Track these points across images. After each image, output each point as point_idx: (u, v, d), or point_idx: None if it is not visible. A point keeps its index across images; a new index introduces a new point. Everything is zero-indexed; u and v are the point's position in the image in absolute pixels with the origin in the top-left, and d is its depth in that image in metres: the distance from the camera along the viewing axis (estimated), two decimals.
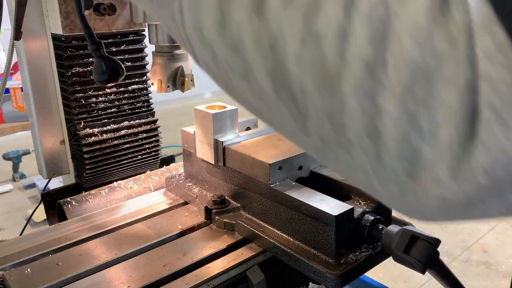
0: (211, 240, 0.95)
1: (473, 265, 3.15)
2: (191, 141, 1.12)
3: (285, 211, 0.89)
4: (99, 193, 1.20)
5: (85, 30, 0.87)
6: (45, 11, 1.21)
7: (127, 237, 0.97)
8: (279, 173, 0.93)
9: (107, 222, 1.04)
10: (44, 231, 1.02)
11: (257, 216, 0.97)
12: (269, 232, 0.92)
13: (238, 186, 1.01)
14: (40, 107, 1.29)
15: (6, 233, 3.51)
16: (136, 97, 1.32)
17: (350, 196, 0.91)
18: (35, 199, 4.10)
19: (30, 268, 0.86)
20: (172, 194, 1.18)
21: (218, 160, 1.04)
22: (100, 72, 0.89)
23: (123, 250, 0.92)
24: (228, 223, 0.98)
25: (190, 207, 1.10)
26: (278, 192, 0.89)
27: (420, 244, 0.75)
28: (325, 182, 0.97)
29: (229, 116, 1.05)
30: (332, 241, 0.80)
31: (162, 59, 1.02)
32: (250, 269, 0.89)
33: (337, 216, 0.79)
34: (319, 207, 0.81)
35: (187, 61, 1.06)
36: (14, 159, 4.43)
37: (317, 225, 0.82)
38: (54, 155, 1.34)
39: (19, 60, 1.27)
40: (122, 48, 1.26)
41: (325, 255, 0.82)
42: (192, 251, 0.91)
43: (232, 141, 1.03)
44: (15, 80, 3.19)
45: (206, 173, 1.10)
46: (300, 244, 0.86)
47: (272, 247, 0.88)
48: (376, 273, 2.51)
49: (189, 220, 1.04)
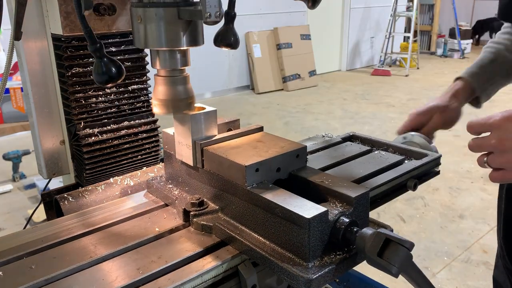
0: (188, 243, 0.94)
1: (473, 265, 3.15)
2: (171, 142, 1.10)
3: (261, 213, 0.88)
4: (96, 189, 1.19)
5: (85, 31, 0.86)
6: (45, 11, 1.21)
7: (104, 239, 0.96)
8: (256, 175, 0.91)
9: (84, 224, 1.03)
10: (21, 232, 1.01)
11: (235, 218, 0.96)
12: (245, 235, 0.91)
13: (217, 188, 1.00)
14: (40, 107, 1.29)
15: (6, 233, 3.50)
16: (136, 97, 1.32)
17: (327, 198, 0.90)
18: (35, 199, 4.10)
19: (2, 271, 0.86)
20: (152, 196, 1.16)
21: (196, 162, 1.03)
22: (100, 72, 0.89)
23: (98, 253, 0.91)
24: (205, 226, 0.97)
25: (170, 209, 1.09)
26: (254, 194, 0.88)
27: (394, 247, 0.73)
28: (303, 184, 0.96)
29: (208, 117, 1.04)
30: (306, 244, 0.79)
31: None
32: (242, 264, 0.89)
33: (311, 218, 0.78)
34: (293, 210, 0.80)
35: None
36: (14, 159, 4.43)
37: (292, 228, 0.81)
38: (54, 155, 1.34)
39: (19, 60, 1.27)
40: (122, 49, 1.26)
41: (299, 258, 0.81)
42: (167, 254, 0.90)
43: (210, 142, 1.02)
44: (15, 80, 3.19)
45: (186, 175, 1.09)
46: (275, 247, 0.85)
47: (248, 249, 0.87)
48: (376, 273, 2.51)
49: (167, 223, 1.02)
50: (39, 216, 3.06)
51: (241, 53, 8.27)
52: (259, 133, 1.11)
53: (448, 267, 3.14)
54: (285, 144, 1.01)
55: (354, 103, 7.61)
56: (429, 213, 3.89)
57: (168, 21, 0.88)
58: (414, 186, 1.16)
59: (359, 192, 0.88)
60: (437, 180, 4.34)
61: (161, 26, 0.88)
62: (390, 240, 0.74)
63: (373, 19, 10.75)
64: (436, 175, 1.29)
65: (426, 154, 1.26)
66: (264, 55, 8.33)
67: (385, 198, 1.14)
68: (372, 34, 10.85)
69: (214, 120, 1.05)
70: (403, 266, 0.73)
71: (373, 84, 9.02)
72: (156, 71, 0.99)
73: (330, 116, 6.82)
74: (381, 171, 1.17)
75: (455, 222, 3.76)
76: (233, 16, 0.93)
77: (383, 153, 1.30)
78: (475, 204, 4.04)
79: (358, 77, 9.72)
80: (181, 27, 0.89)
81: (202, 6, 0.83)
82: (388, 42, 10.09)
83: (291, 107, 7.32)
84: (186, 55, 0.96)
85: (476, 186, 4.40)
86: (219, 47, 0.96)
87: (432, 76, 9.70)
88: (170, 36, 0.89)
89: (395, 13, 9.88)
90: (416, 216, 3.84)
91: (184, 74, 0.98)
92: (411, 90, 8.43)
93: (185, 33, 0.90)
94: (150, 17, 0.88)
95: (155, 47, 0.92)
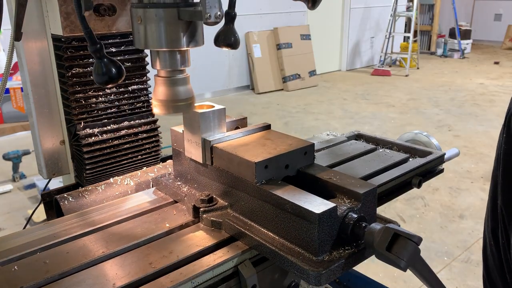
0: (198, 239, 0.95)
1: (473, 265, 3.15)
2: (180, 140, 1.12)
3: (271, 209, 0.89)
4: (96, 189, 1.20)
5: (85, 31, 0.87)
6: (45, 12, 1.21)
7: (115, 235, 0.98)
8: (265, 172, 0.93)
9: (95, 221, 1.05)
10: (32, 229, 1.02)
11: (244, 214, 0.97)
12: (255, 230, 0.92)
13: (225, 185, 1.01)
14: (40, 107, 1.29)
15: (6, 233, 3.51)
16: (136, 97, 1.32)
17: (335, 195, 0.92)
18: (35, 199, 4.10)
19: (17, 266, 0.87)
20: (161, 193, 1.18)
21: (206, 159, 1.04)
22: (100, 73, 0.89)
23: (110, 248, 0.92)
24: (215, 222, 0.98)
25: (179, 206, 1.10)
26: (264, 190, 0.90)
27: (402, 241, 0.75)
28: (311, 181, 0.97)
29: (217, 115, 1.05)
30: (315, 238, 0.80)
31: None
32: (242, 264, 0.90)
33: (320, 214, 0.79)
34: (303, 205, 0.82)
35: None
36: (14, 159, 4.43)
37: (301, 223, 0.83)
38: (54, 155, 1.35)
39: (19, 60, 1.27)
40: (122, 49, 1.26)
41: (308, 252, 0.82)
42: (178, 249, 0.91)
43: (219, 140, 1.04)
44: (15, 80, 3.20)
45: (195, 172, 1.10)
46: (285, 242, 0.87)
47: (258, 245, 0.89)
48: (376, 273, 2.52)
49: (177, 219, 1.04)
50: (39, 216, 3.06)
51: (241, 53, 8.27)
52: (267, 130, 1.13)
53: (448, 267, 3.15)
54: (293, 142, 1.03)
55: (354, 103, 7.61)
56: (429, 213, 3.89)
57: (168, 21, 0.88)
58: (419, 184, 1.18)
59: (367, 189, 0.90)
60: (437, 180, 4.35)
61: (161, 26, 0.89)
62: (398, 234, 0.75)
63: (373, 19, 10.75)
64: (440, 172, 1.30)
65: (430, 152, 1.28)
66: (264, 55, 8.33)
67: (391, 195, 1.16)
68: (372, 34, 10.85)
69: (223, 118, 1.07)
70: (411, 260, 0.74)
71: (373, 84, 9.02)
72: (156, 72, 0.99)
73: (330, 116, 6.82)
74: (386, 169, 1.19)
75: (455, 222, 3.76)
76: (233, 16, 0.93)
77: (387, 151, 1.31)
78: (475, 204, 4.04)
79: (358, 77, 9.72)
80: (181, 27, 0.89)
81: (202, 7, 0.83)
82: (388, 42, 10.09)
83: (291, 107, 7.32)
84: (186, 56, 0.97)
85: (476, 186, 4.40)
86: (220, 47, 0.96)
87: (432, 76, 9.70)
88: (170, 36, 0.90)
89: (395, 13, 9.88)
90: (416, 216, 3.84)
91: (184, 75, 0.98)
92: (411, 90, 8.43)
93: (185, 34, 0.90)
94: (150, 18, 0.88)
95: (155, 47, 0.92)
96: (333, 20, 10.05)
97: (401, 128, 6.18)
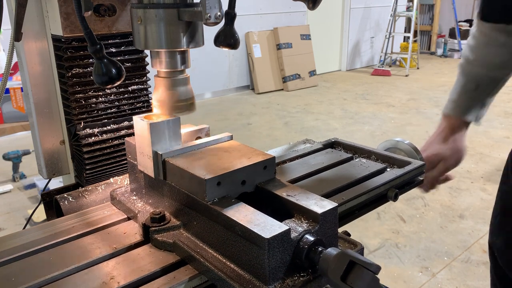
0: (145, 262, 0.87)
1: (473, 265, 3.15)
2: (133, 152, 1.03)
3: (222, 231, 0.82)
4: (96, 189, 1.19)
5: (85, 32, 0.86)
6: (45, 12, 1.21)
7: (54, 258, 0.90)
8: (218, 189, 0.85)
9: (37, 241, 0.97)
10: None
11: (197, 235, 0.89)
12: (205, 254, 0.84)
13: (178, 202, 0.93)
14: (40, 107, 1.29)
15: (6, 233, 3.51)
16: (136, 98, 1.32)
17: (294, 214, 0.84)
18: (35, 199, 4.10)
19: None
20: (116, 209, 1.10)
21: (158, 174, 0.96)
22: (100, 73, 0.89)
23: (45, 274, 0.84)
24: (165, 242, 0.90)
25: (132, 223, 1.02)
26: (214, 210, 0.82)
27: (358, 271, 0.67)
28: (270, 198, 0.90)
29: (170, 126, 0.96)
30: (266, 265, 0.73)
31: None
32: None
33: (270, 238, 0.72)
34: (252, 228, 0.74)
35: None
36: (14, 159, 4.43)
37: (251, 248, 0.75)
38: (54, 155, 1.35)
39: (19, 60, 1.27)
40: (122, 49, 1.26)
41: (258, 280, 0.75)
42: (121, 275, 0.83)
43: (173, 153, 0.95)
44: (15, 80, 3.20)
45: (149, 187, 1.02)
46: (235, 267, 0.79)
47: (206, 270, 0.82)
48: None
49: (126, 239, 0.95)
50: (39, 216, 3.06)
51: (241, 53, 8.27)
52: (227, 142, 1.04)
53: (448, 267, 3.15)
54: (253, 155, 0.94)
55: (354, 103, 7.61)
56: (429, 213, 3.89)
57: (168, 22, 0.88)
58: (394, 197, 1.11)
59: (326, 208, 0.82)
60: None
61: (161, 27, 0.88)
62: (354, 262, 0.68)
63: (373, 19, 10.75)
64: (419, 183, 1.24)
65: (409, 162, 1.21)
66: (264, 55, 8.33)
67: (364, 209, 1.09)
68: (372, 34, 10.85)
69: (177, 129, 0.99)
70: None
71: (373, 84, 9.02)
72: (156, 72, 0.99)
73: (330, 116, 6.83)
74: (360, 181, 1.12)
75: (455, 222, 3.76)
76: (234, 16, 0.92)
77: (364, 161, 1.25)
78: (475, 204, 4.04)
79: (358, 77, 9.72)
80: (181, 28, 0.89)
81: (202, 7, 0.83)
82: (388, 42, 10.09)
83: (291, 107, 7.32)
84: (186, 56, 0.97)
85: (476, 186, 4.40)
86: (220, 47, 0.95)
87: (432, 76, 9.70)
88: (170, 37, 0.89)
89: (395, 13, 9.88)
90: (416, 216, 3.84)
91: (184, 75, 0.98)
92: (411, 90, 8.43)
93: (185, 34, 0.90)
94: (150, 18, 0.88)
95: (155, 48, 0.92)
96: (333, 20, 10.05)
97: (401, 128, 6.19)
